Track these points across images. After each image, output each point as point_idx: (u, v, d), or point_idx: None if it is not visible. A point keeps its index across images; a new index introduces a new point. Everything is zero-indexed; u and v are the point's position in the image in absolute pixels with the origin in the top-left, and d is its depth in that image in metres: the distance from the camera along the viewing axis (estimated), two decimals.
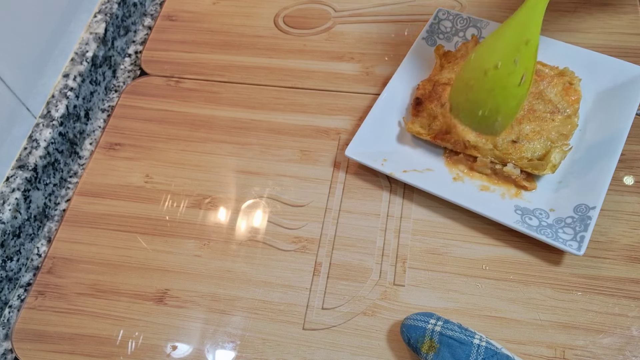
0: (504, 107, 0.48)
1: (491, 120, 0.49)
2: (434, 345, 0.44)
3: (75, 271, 0.54)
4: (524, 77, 0.46)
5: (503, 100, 0.48)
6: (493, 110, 0.48)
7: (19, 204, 0.54)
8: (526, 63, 0.46)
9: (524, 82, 0.47)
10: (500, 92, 0.48)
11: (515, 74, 0.46)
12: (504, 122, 0.50)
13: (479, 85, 0.49)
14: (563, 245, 0.49)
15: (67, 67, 0.63)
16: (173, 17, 0.73)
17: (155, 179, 0.59)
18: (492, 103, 0.48)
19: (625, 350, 0.47)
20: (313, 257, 0.53)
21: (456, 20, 0.65)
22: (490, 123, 0.49)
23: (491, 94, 0.48)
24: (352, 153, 0.56)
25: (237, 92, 0.66)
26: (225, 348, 0.49)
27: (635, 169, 0.56)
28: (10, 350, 0.51)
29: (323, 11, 0.73)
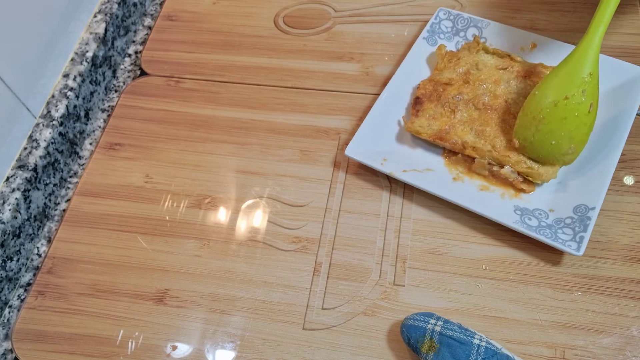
0: (576, 134, 0.52)
1: (564, 148, 0.52)
2: (434, 345, 0.44)
3: (75, 271, 0.54)
4: (592, 106, 0.51)
5: (575, 128, 0.51)
6: (566, 138, 0.52)
7: (19, 204, 0.54)
8: (592, 92, 0.51)
9: (592, 110, 0.51)
10: (572, 120, 0.51)
11: (584, 104, 0.51)
12: (577, 148, 0.53)
13: (550, 117, 0.52)
14: (562, 246, 0.49)
15: (67, 67, 0.63)
16: (173, 17, 0.73)
17: (155, 179, 0.59)
18: (565, 131, 0.51)
19: (625, 350, 0.47)
20: (313, 257, 0.53)
21: (457, 20, 0.65)
22: (563, 152, 0.52)
23: (563, 123, 0.51)
24: (352, 152, 0.56)
25: (237, 92, 0.66)
26: (225, 348, 0.49)
27: (635, 169, 0.56)
28: (10, 350, 0.51)
29: (323, 11, 0.73)
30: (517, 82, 0.59)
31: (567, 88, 0.51)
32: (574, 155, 0.53)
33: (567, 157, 0.53)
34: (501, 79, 0.59)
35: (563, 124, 0.51)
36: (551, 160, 0.53)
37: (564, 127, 0.51)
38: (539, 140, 0.53)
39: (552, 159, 0.53)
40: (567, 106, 0.51)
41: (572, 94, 0.51)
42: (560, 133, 0.52)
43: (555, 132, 0.52)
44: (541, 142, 0.53)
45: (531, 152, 0.54)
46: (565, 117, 0.51)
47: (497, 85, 0.59)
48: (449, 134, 0.56)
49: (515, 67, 0.60)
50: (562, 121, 0.51)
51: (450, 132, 0.56)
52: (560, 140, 0.52)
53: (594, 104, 0.51)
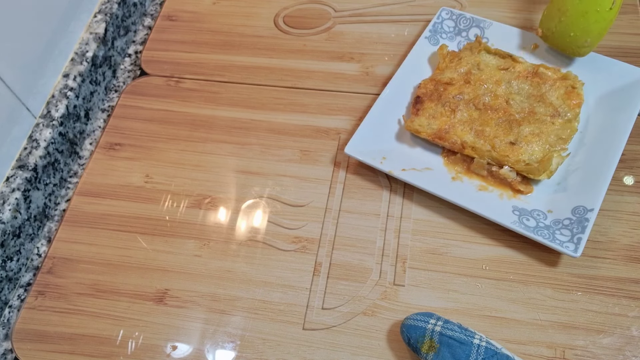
0: (594, 27, 0.56)
1: (581, 41, 0.57)
2: (434, 345, 0.44)
3: (75, 271, 0.54)
4: (614, 2, 0.54)
5: (594, 23, 0.55)
6: (584, 31, 0.56)
7: (19, 204, 0.54)
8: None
9: (614, 7, 0.55)
10: (592, 15, 0.55)
11: (607, 0, 0.54)
12: (593, 42, 0.57)
13: (573, 10, 0.56)
14: (560, 247, 0.49)
15: (67, 67, 0.63)
16: (173, 17, 0.73)
17: (155, 179, 0.59)
18: (584, 24, 0.56)
19: (625, 350, 0.47)
20: (313, 257, 0.53)
21: (459, 20, 0.65)
22: (579, 44, 0.57)
23: (584, 17, 0.56)
24: (351, 151, 0.56)
25: (237, 92, 0.66)
26: (225, 348, 0.49)
27: (635, 169, 0.56)
28: (10, 350, 0.51)
29: (323, 11, 0.73)
30: (519, 83, 0.59)
31: None
32: (589, 49, 0.58)
33: (583, 49, 0.57)
34: (502, 80, 0.59)
35: (584, 17, 0.55)
36: (568, 51, 0.58)
37: (584, 21, 0.56)
38: (560, 31, 0.58)
39: (569, 49, 0.58)
40: (590, 2, 0.55)
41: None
42: (580, 26, 0.56)
43: (575, 24, 0.56)
44: (562, 32, 0.57)
45: (552, 41, 0.59)
46: (586, 11, 0.55)
47: (498, 86, 0.59)
48: (448, 133, 0.56)
49: (516, 67, 0.60)
50: (584, 15, 0.55)
51: (450, 132, 0.56)
52: (579, 32, 0.56)
53: (617, 2, 0.55)
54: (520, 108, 0.57)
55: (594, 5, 0.55)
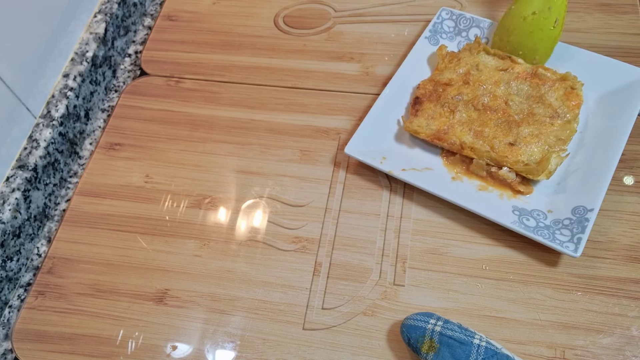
0: (540, 46, 0.59)
1: (529, 59, 0.59)
2: (434, 345, 0.44)
3: (75, 271, 0.54)
4: (557, 21, 0.57)
5: (540, 41, 0.58)
6: (531, 50, 0.59)
7: (19, 204, 0.54)
8: (558, 9, 0.57)
9: (557, 25, 0.57)
10: (537, 33, 0.58)
11: (550, 19, 0.57)
12: (541, 60, 0.59)
13: (519, 30, 0.59)
14: (560, 247, 0.49)
15: (67, 67, 0.63)
16: (173, 17, 0.73)
17: (155, 179, 0.59)
18: (531, 44, 0.59)
19: (625, 350, 0.47)
20: (313, 257, 0.53)
21: (459, 20, 0.65)
22: (529, 62, 0.59)
23: (530, 36, 0.58)
24: (351, 151, 0.56)
25: (237, 92, 0.66)
26: (225, 348, 0.49)
27: (635, 169, 0.56)
28: (10, 350, 0.51)
29: (323, 11, 0.73)
30: (517, 84, 0.59)
31: (535, 4, 0.58)
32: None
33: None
34: (501, 80, 0.59)
35: (530, 36, 0.58)
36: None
37: (530, 40, 0.58)
38: (509, 50, 0.60)
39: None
40: (534, 21, 0.58)
41: (539, 9, 0.57)
42: (527, 45, 0.59)
43: (522, 43, 0.59)
44: (511, 51, 0.60)
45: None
46: (531, 30, 0.58)
47: (497, 87, 0.59)
48: (447, 134, 0.56)
49: (515, 68, 0.60)
50: (529, 34, 0.58)
51: (449, 133, 0.56)
52: (527, 51, 0.59)
53: (559, 20, 0.57)
54: (519, 109, 0.57)
55: (537, 24, 0.57)
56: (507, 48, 0.60)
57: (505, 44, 0.60)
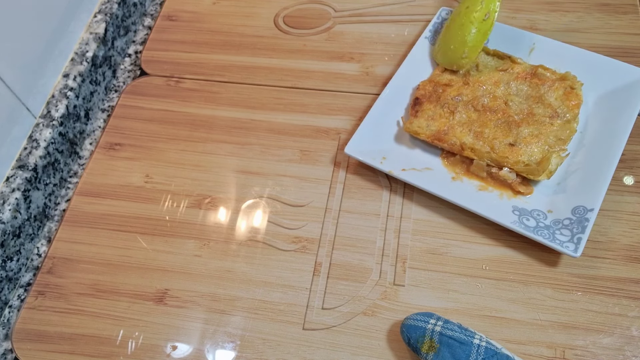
0: (469, 39, 0.59)
1: (459, 52, 0.59)
2: (434, 345, 0.44)
3: (75, 271, 0.54)
4: (487, 14, 0.58)
5: (469, 34, 0.59)
6: (461, 43, 0.59)
7: (19, 204, 0.54)
8: (490, 3, 0.58)
9: (487, 19, 0.58)
10: (467, 26, 0.59)
11: (481, 12, 0.58)
12: (470, 53, 0.59)
13: (453, 23, 0.61)
14: (560, 247, 0.49)
15: (67, 67, 0.63)
16: (173, 17, 0.73)
17: (155, 179, 0.59)
18: (461, 36, 0.59)
19: (625, 350, 0.47)
20: (313, 257, 0.53)
21: None
22: (458, 55, 0.60)
23: (461, 29, 0.59)
24: (351, 150, 0.56)
25: (237, 92, 0.66)
26: (225, 348, 0.49)
27: (635, 169, 0.56)
28: (10, 350, 0.51)
29: (323, 11, 0.73)
30: (517, 84, 0.59)
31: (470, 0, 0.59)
32: (467, 60, 0.60)
33: (462, 60, 0.60)
34: (501, 81, 0.59)
35: (460, 29, 0.59)
36: (450, 64, 0.60)
37: (461, 33, 0.59)
38: (443, 46, 0.61)
39: (450, 62, 0.60)
40: (466, 14, 0.59)
41: (472, 3, 0.59)
42: (457, 38, 0.60)
43: (454, 37, 0.60)
44: (444, 47, 0.61)
45: (440, 57, 0.62)
46: (462, 23, 0.59)
47: (497, 87, 0.59)
48: (447, 135, 0.56)
49: (515, 68, 0.60)
50: (460, 27, 0.59)
51: (449, 133, 0.56)
52: (457, 44, 0.59)
53: (490, 14, 0.58)
54: (519, 109, 0.57)
55: (468, 17, 0.59)
56: (442, 43, 0.61)
57: (442, 40, 0.62)
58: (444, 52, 0.61)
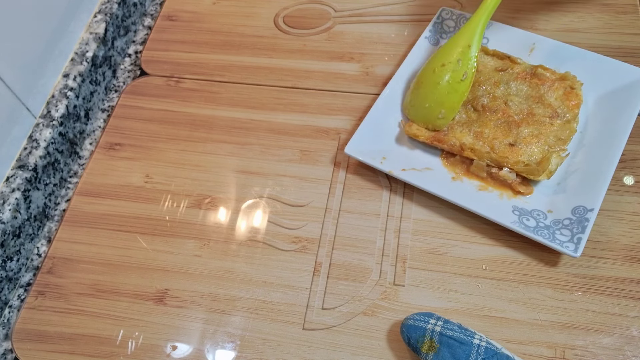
0: (447, 99, 0.56)
1: (436, 112, 0.56)
2: (434, 345, 0.44)
3: (75, 271, 0.54)
4: (465, 74, 0.55)
5: (447, 94, 0.56)
6: (437, 102, 0.56)
7: (19, 204, 0.54)
8: (467, 63, 0.56)
9: (465, 79, 0.55)
10: (444, 86, 0.56)
11: (458, 72, 0.56)
12: (447, 114, 0.56)
13: (428, 81, 0.57)
14: (560, 247, 0.49)
15: (67, 67, 0.63)
16: (173, 17, 0.73)
17: (155, 179, 0.59)
18: (437, 95, 0.56)
19: (625, 350, 0.47)
20: (313, 257, 0.53)
21: (459, 20, 0.65)
22: (434, 115, 0.56)
23: (436, 88, 0.56)
24: (351, 151, 0.56)
25: (237, 92, 0.66)
26: (225, 348, 0.49)
27: (635, 169, 0.56)
28: (10, 350, 0.51)
29: (323, 11, 0.73)
30: (517, 84, 0.59)
31: (445, 57, 0.57)
32: (444, 121, 0.56)
33: (439, 121, 0.56)
34: (500, 81, 0.59)
35: (436, 88, 0.56)
36: (425, 123, 0.57)
37: (437, 92, 0.56)
38: (417, 103, 0.58)
39: (426, 121, 0.57)
40: (442, 73, 0.56)
41: (448, 61, 0.56)
42: (433, 97, 0.56)
43: (429, 95, 0.57)
44: (419, 104, 0.58)
45: (412, 114, 0.58)
46: (438, 82, 0.56)
47: (496, 87, 0.59)
48: (447, 135, 0.56)
49: (515, 68, 0.60)
50: (436, 86, 0.56)
51: (449, 134, 0.56)
52: (433, 104, 0.56)
53: (469, 73, 0.55)
54: (518, 109, 0.57)
55: (445, 77, 0.56)
56: (416, 100, 0.58)
57: (415, 96, 0.58)
58: (417, 109, 0.58)
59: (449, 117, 0.56)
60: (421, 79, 0.58)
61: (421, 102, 0.57)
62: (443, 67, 0.56)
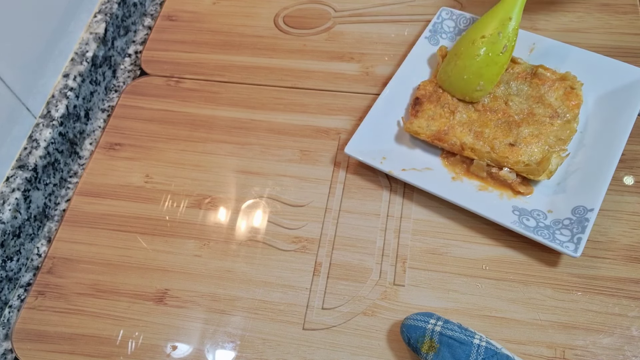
0: (486, 71, 0.56)
1: (474, 84, 0.56)
2: (434, 345, 0.44)
3: (75, 271, 0.54)
4: (505, 47, 0.55)
5: (486, 66, 0.56)
6: (476, 74, 0.56)
7: (19, 204, 0.54)
8: (508, 36, 0.56)
9: (505, 51, 0.56)
10: (484, 58, 0.56)
11: (498, 44, 0.56)
12: (486, 86, 0.57)
13: (467, 53, 0.57)
14: (560, 247, 0.49)
15: (67, 67, 0.63)
16: (173, 17, 0.73)
17: (155, 179, 0.59)
18: (476, 67, 0.56)
19: (625, 350, 0.47)
20: (313, 257, 0.53)
21: (459, 20, 0.65)
22: (472, 87, 0.57)
23: (476, 60, 0.56)
24: (351, 150, 0.56)
25: (237, 92, 0.66)
26: (225, 348, 0.49)
27: (635, 169, 0.56)
28: (10, 350, 0.51)
29: (323, 11, 0.73)
30: (517, 84, 0.59)
31: (485, 29, 0.56)
32: (482, 92, 0.57)
33: (477, 93, 0.57)
34: (501, 81, 0.59)
35: (475, 60, 0.56)
36: (462, 95, 0.57)
37: (476, 64, 0.56)
38: (455, 74, 0.58)
39: (463, 93, 0.57)
40: (482, 44, 0.56)
41: (489, 33, 0.56)
42: (472, 69, 0.56)
43: (468, 67, 0.57)
44: (456, 76, 0.57)
45: (448, 85, 0.58)
46: (478, 54, 0.56)
47: (497, 87, 0.59)
48: (447, 134, 0.56)
49: (515, 68, 0.60)
50: (475, 58, 0.56)
51: (449, 133, 0.56)
52: (472, 75, 0.56)
53: (509, 46, 0.56)
54: (519, 109, 0.57)
55: (486, 49, 0.56)
56: (454, 72, 0.58)
57: (452, 67, 0.58)
58: (455, 81, 0.58)
59: (487, 88, 0.57)
60: (459, 51, 0.58)
61: (459, 73, 0.57)
62: (483, 39, 0.56)
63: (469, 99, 0.57)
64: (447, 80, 0.58)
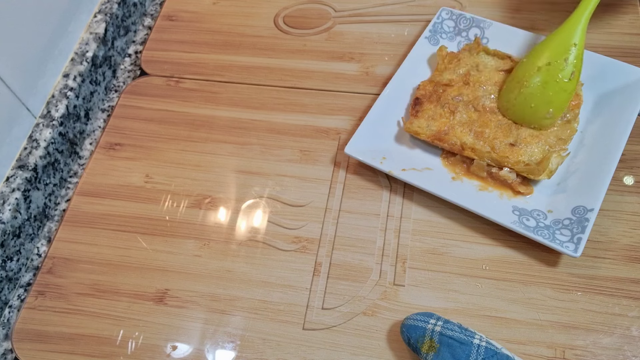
0: (555, 99, 0.55)
1: (543, 112, 0.55)
2: (434, 345, 0.44)
3: (75, 271, 0.54)
4: (573, 74, 0.54)
5: (554, 93, 0.55)
6: (545, 102, 0.55)
7: (19, 204, 0.54)
8: (575, 62, 0.55)
9: (573, 78, 0.54)
10: (552, 85, 0.55)
11: (565, 71, 0.54)
12: (555, 113, 0.55)
13: (532, 81, 0.56)
14: (560, 247, 0.49)
15: (67, 67, 0.63)
16: (173, 17, 0.73)
17: (155, 179, 0.59)
18: (545, 95, 0.55)
19: (625, 350, 0.47)
20: (313, 257, 0.53)
21: (459, 20, 0.65)
22: (541, 115, 0.55)
23: (544, 87, 0.55)
24: (351, 150, 0.56)
25: (237, 92, 0.66)
26: (225, 348, 0.49)
27: (635, 169, 0.56)
28: (10, 350, 0.51)
29: (323, 11, 0.73)
30: None
31: (551, 55, 0.55)
32: (552, 120, 0.55)
33: (545, 121, 0.55)
34: (501, 81, 0.59)
35: (544, 88, 0.55)
36: (529, 123, 0.56)
37: (544, 92, 0.55)
38: (520, 103, 0.56)
39: (530, 121, 0.56)
40: (549, 72, 0.55)
41: (555, 60, 0.55)
42: (540, 97, 0.55)
43: (535, 95, 0.55)
44: (522, 104, 0.56)
45: (512, 114, 0.57)
46: (546, 81, 0.55)
47: (497, 87, 0.59)
48: (447, 135, 0.56)
49: None
50: (543, 85, 0.55)
51: (449, 133, 0.56)
52: (540, 103, 0.55)
53: (576, 73, 0.55)
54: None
55: (553, 76, 0.55)
56: (519, 100, 0.56)
57: (517, 95, 0.56)
58: (520, 109, 0.56)
59: (557, 115, 0.55)
60: (521, 78, 0.56)
61: (525, 102, 0.55)
62: (549, 67, 0.55)
63: (537, 127, 0.55)
64: (510, 109, 0.56)
